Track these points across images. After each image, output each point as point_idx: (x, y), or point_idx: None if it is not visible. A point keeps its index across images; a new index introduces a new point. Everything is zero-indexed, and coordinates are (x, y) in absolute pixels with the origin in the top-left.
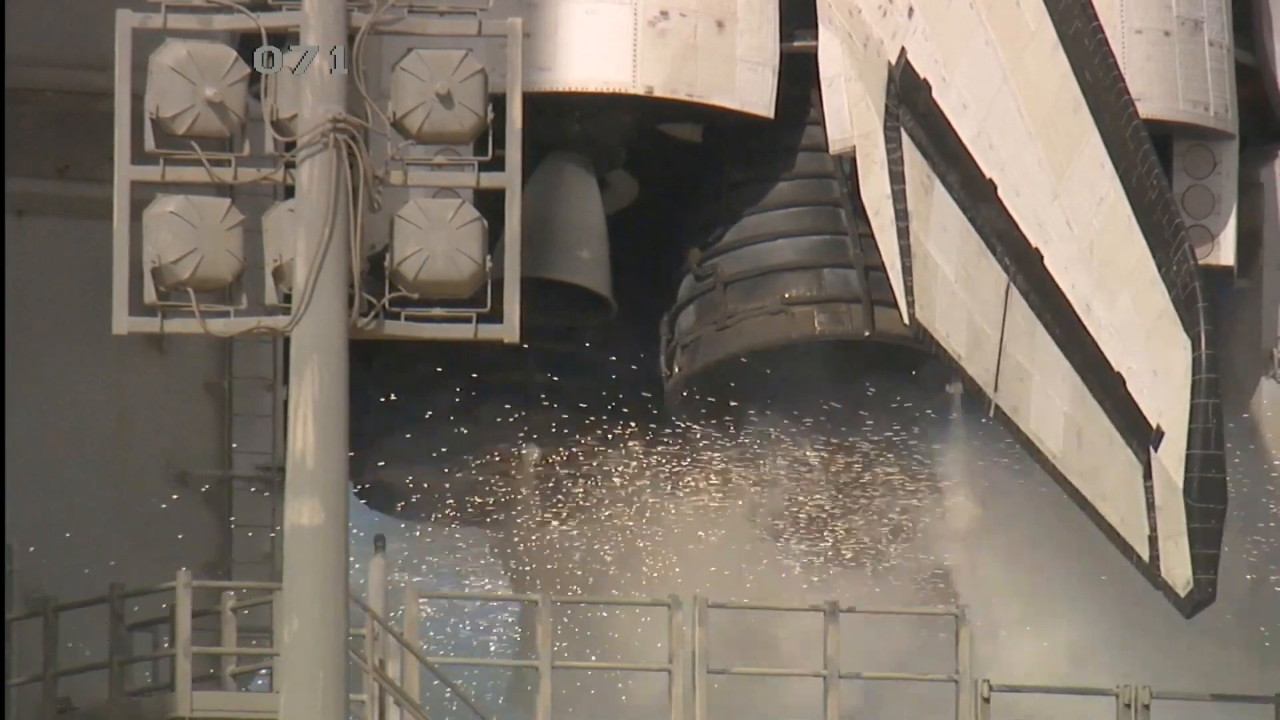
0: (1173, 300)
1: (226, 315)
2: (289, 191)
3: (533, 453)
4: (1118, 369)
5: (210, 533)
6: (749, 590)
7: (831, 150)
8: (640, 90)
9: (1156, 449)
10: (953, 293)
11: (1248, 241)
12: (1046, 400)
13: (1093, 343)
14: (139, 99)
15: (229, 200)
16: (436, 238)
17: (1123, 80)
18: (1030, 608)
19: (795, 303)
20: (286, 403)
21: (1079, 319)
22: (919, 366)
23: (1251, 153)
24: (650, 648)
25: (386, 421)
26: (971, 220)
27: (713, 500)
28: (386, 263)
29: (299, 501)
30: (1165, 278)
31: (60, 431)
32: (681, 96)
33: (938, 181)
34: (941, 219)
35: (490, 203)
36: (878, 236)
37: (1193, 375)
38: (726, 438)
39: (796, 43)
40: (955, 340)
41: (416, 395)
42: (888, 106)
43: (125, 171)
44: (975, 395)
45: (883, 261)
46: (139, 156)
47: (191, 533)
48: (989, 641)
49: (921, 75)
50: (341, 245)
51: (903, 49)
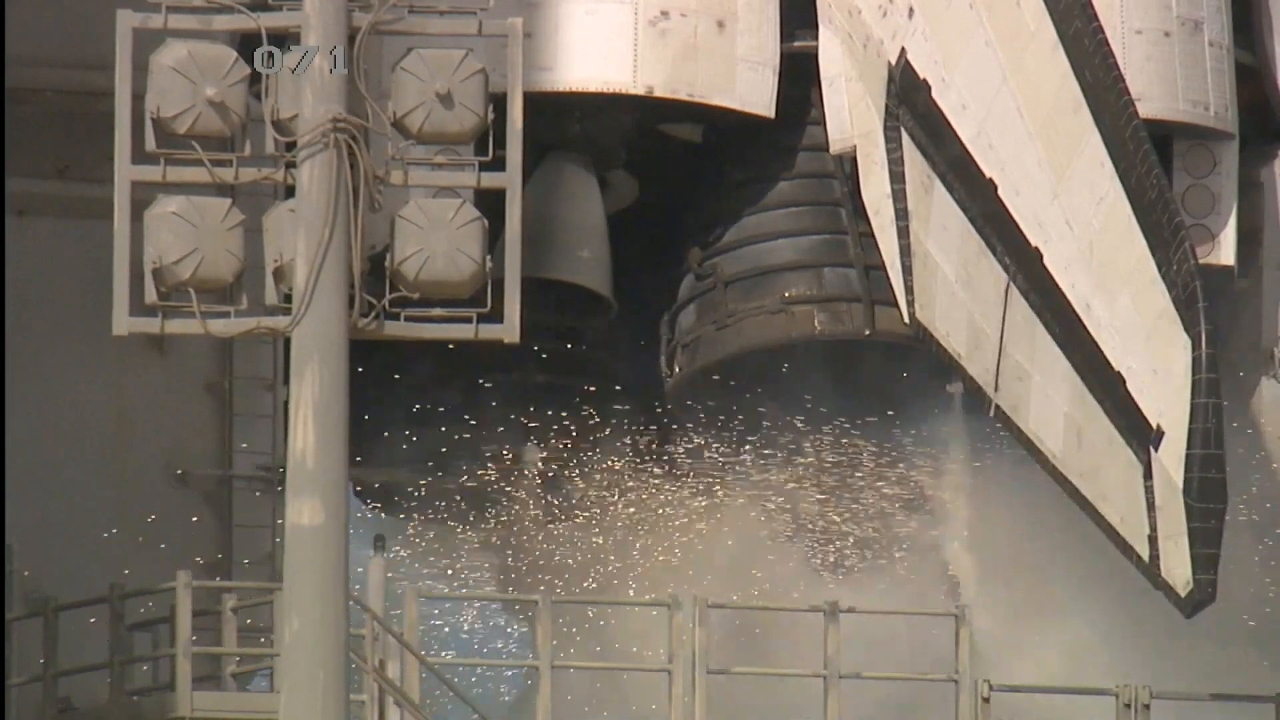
0: (1173, 300)
1: (227, 315)
2: (289, 191)
3: (533, 453)
4: (1118, 369)
5: (210, 533)
6: (749, 590)
7: (832, 150)
8: (640, 90)
9: (1156, 449)
10: (953, 292)
11: (1248, 241)
12: (1046, 400)
13: (1093, 342)
14: (139, 99)
15: (229, 200)
16: (437, 238)
17: (1123, 80)
18: (1030, 608)
19: (795, 302)
20: (286, 403)
21: (1079, 319)
22: (919, 366)
23: (1251, 153)
24: (650, 648)
25: (387, 422)
26: (971, 220)
27: (713, 500)
28: (387, 263)
29: (299, 501)
30: (1165, 277)
31: (60, 431)
32: (682, 96)
33: (938, 181)
34: (941, 218)
35: (490, 203)
36: (878, 236)
37: (1193, 375)
38: (727, 437)
39: (797, 43)
40: (955, 340)
41: (417, 395)
42: (888, 106)
43: (126, 171)
44: (975, 395)
45: (883, 261)
46: (139, 156)
47: (191, 533)
48: (989, 641)
49: (921, 75)
50: (342, 245)
51: (903, 49)
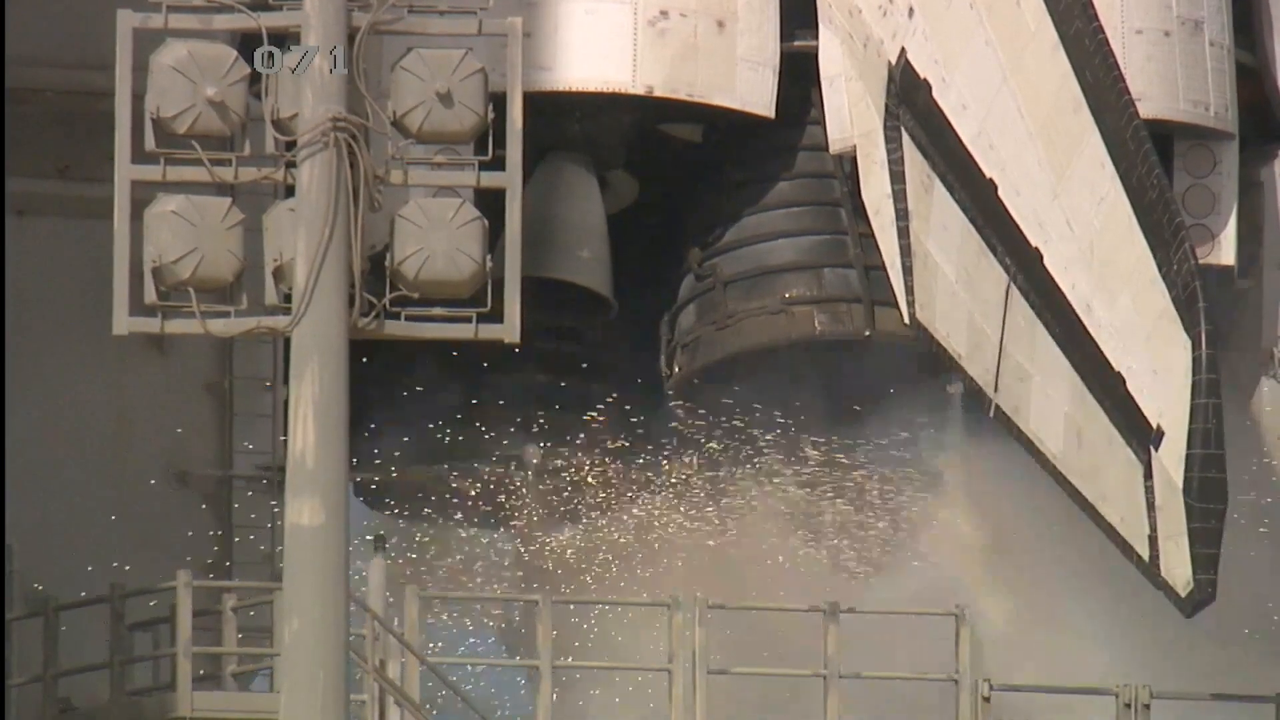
0: (1173, 300)
1: (227, 315)
2: (289, 191)
3: (533, 453)
4: (1118, 369)
5: (210, 533)
6: (750, 590)
7: (832, 150)
8: (640, 90)
9: (1157, 449)
10: (953, 292)
11: (1248, 241)
12: (1046, 400)
13: (1093, 342)
14: (139, 99)
15: (229, 200)
16: (437, 237)
17: (1123, 80)
18: (1030, 608)
19: (795, 302)
20: (286, 403)
21: (1079, 319)
22: (919, 366)
23: (1251, 153)
24: (650, 649)
25: (387, 422)
26: (972, 220)
27: (713, 500)
28: (387, 262)
29: (299, 501)
30: (1165, 277)
31: (60, 431)
32: (682, 96)
33: (938, 181)
34: (942, 219)
35: (490, 202)
36: (878, 236)
37: (1193, 375)
38: (727, 437)
39: (797, 42)
40: (955, 340)
41: (417, 395)
42: (888, 106)
43: (126, 171)
44: (975, 395)
45: (883, 261)
46: (139, 156)
47: (191, 533)
48: (989, 641)
49: (921, 75)
50: (342, 245)
51: (903, 49)
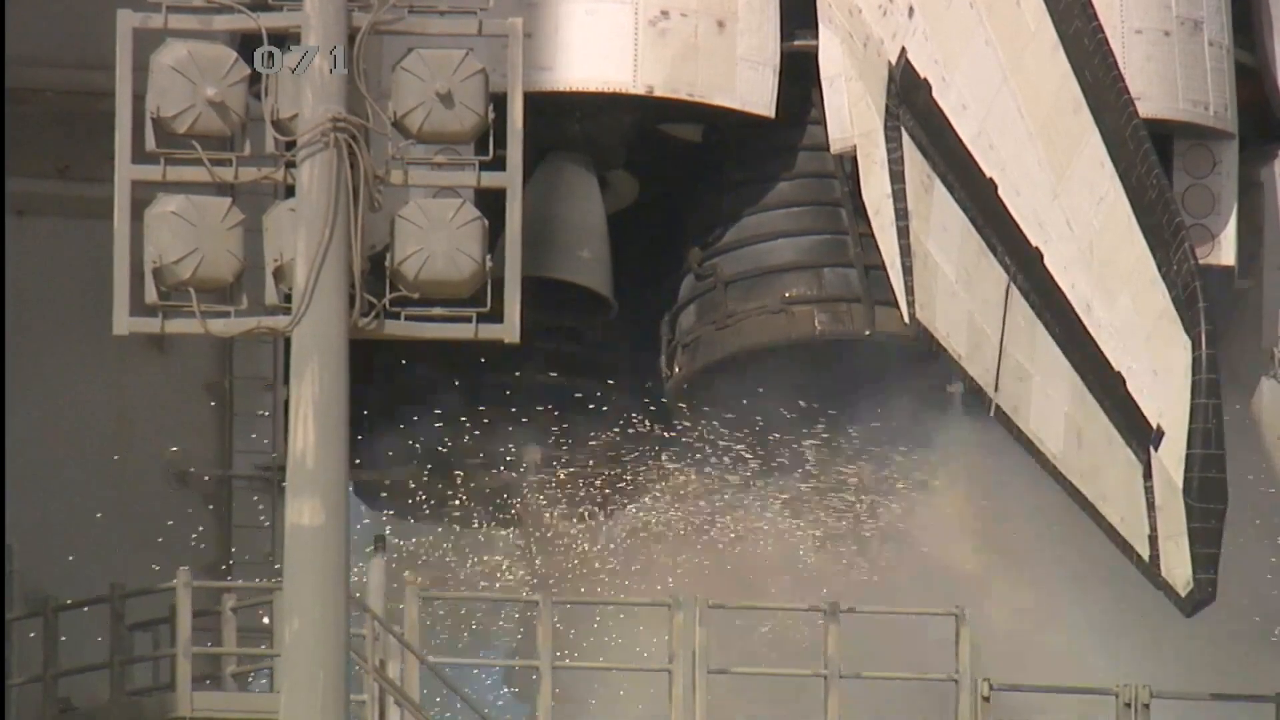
0: (1173, 300)
1: (227, 315)
2: (289, 191)
3: (533, 453)
4: (1118, 369)
5: (210, 533)
6: (750, 590)
7: (832, 150)
8: (640, 90)
9: (1156, 449)
10: (953, 292)
11: (1248, 241)
12: (1046, 400)
13: (1093, 342)
14: (140, 99)
15: (229, 200)
16: (437, 237)
17: (1123, 80)
18: (1030, 608)
19: (795, 302)
20: (287, 403)
21: (1079, 319)
22: (919, 366)
23: (1251, 153)
24: (650, 648)
25: (387, 422)
26: (972, 220)
27: (713, 500)
28: (387, 262)
29: (299, 501)
30: (1165, 277)
31: (60, 431)
32: (682, 96)
33: (938, 181)
34: (942, 219)
35: (491, 202)
36: (878, 236)
37: (1193, 375)
38: (727, 437)
39: (797, 42)
40: (955, 340)
41: (417, 395)
42: (888, 106)
43: (126, 171)
44: (975, 395)
45: (883, 261)
46: (139, 156)
47: (191, 533)
48: (989, 641)
49: (921, 75)
50: (342, 245)
51: (903, 49)
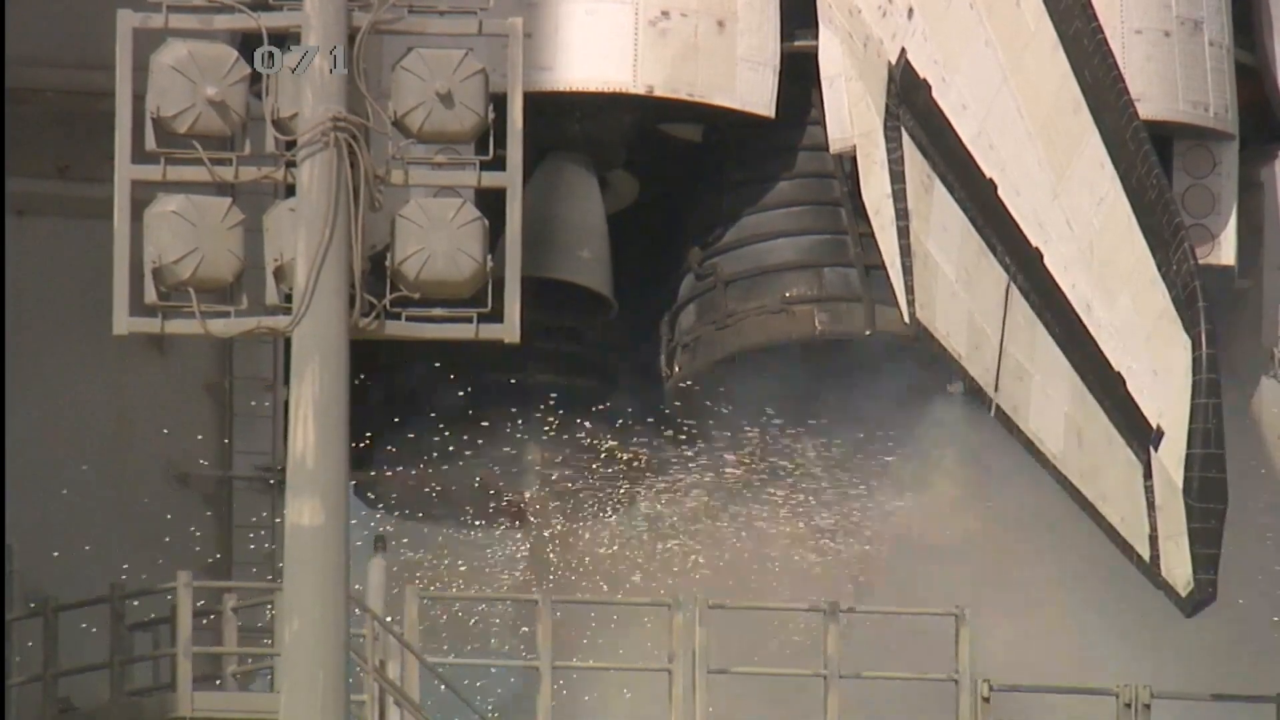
0: (1173, 300)
1: (227, 315)
2: (290, 191)
3: (533, 453)
4: (1118, 369)
5: (210, 533)
6: (750, 590)
7: (832, 150)
8: (641, 90)
9: (1156, 449)
10: (953, 292)
11: (1248, 241)
12: (1046, 400)
13: (1093, 342)
14: (140, 98)
15: (230, 200)
16: (437, 237)
17: (1123, 80)
18: (1030, 608)
19: (795, 302)
20: (287, 403)
21: (1079, 319)
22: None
23: (1251, 153)
24: (651, 648)
25: (387, 422)
26: (972, 220)
27: (713, 499)
28: (387, 262)
29: (299, 501)
30: (1165, 277)
31: (60, 431)
32: (682, 96)
33: (938, 181)
34: (942, 218)
35: (491, 202)
36: (878, 236)
37: (1193, 375)
38: (727, 437)
39: (797, 42)
40: (955, 340)
41: (417, 395)
42: (888, 106)
43: (126, 171)
44: (975, 395)
45: (883, 261)
46: (140, 156)
47: (191, 533)
48: (989, 641)
49: (921, 75)
50: (342, 245)
51: (903, 49)
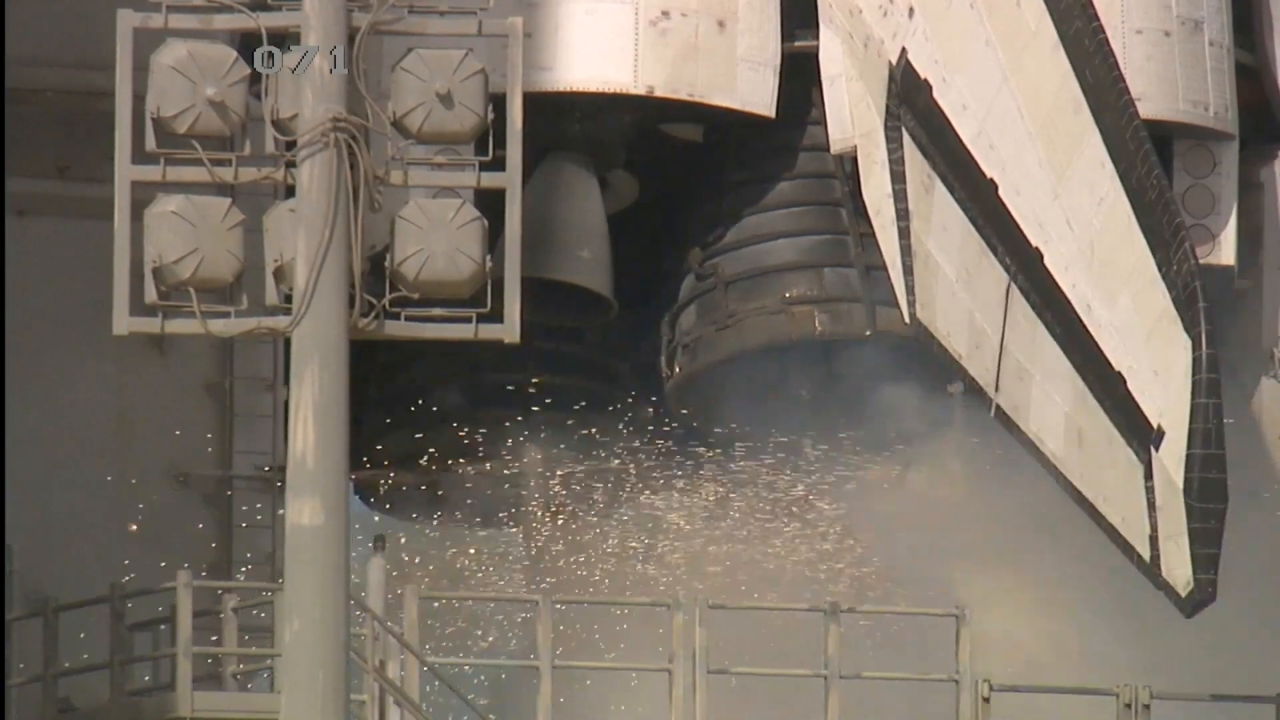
0: (1173, 300)
1: (227, 315)
2: (289, 191)
3: (533, 453)
4: (1118, 369)
5: (210, 533)
6: (749, 590)
7: (832, 150)
8: (641, 90)
9: (1157, 449)
10: (953, 292)
11: (1248, 241)
12: (1047, 400)
13: (1093, 343)
14: (140, 99)
15: (229, 200)
16: (437, 238)
17: (1123, 80)
18: (1030, 608)
19: (796, 302)
20: (287, 403)
21: (1079, 319)
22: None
23: (1251, 153)
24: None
25: (387, 422)
26: (972, 220)
27: (713, 500)
28: (387, 263)
29: (299, 501)
30: (1165, 278)
31: (60, 431)
32: (682, 96)
33: (938, 181)
34: (942, 219)
35: (490, 202)
36: (878, 236)
37: (1193, 375)
38: (727, 437)
39: (797, 42)
40: (956, 340)
41: (417, 395)
42: (888, 106)
43: (126, 171)
44: (976, 395)
45: (883, 261)
46: (139, 156)
47: (191, 533)
48: (989, 641)
49: (922, 75)
50: (342, 245)
51: (903, 49)
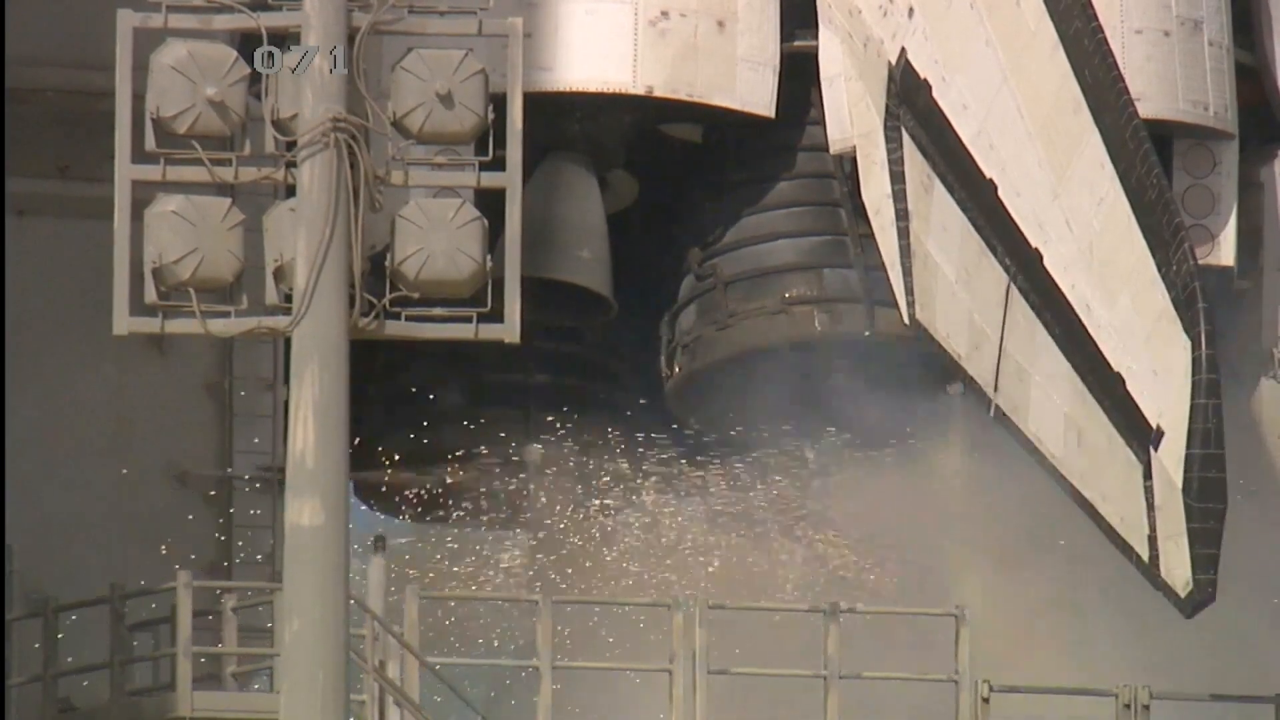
0: (1173, 300)
1: (227, 315)
2: (290, 191)
3: (533, 453)
4: (1118, 369)
5: (210, 533)
6: (749, 590)
7: (832, 150)
8: (640, 90)
9: (1156, 449)
10: (953, 293)
11: (1248, 241)
12: (1046, 400)
13: (1093, 343)
14: (140, 99)
15: (229, 200)
16: (437, 237)
17: (1123, 80)
18: (1030, 607)
19: (795, 303)
20: (287, 403)
21: (1079, 319)
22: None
23: (1251, 153)
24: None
25: (387, 421)
26: (972, 220)
27: (713, 500)
28: (387, 262)
29: (299, 501)
30: (1165, 278)
31: (60, 431)
32: (682, 96)
33: (938, 181)
34: (942, 219)
35: (490, 202)
36: (878, 236)
37: (1193, 375)
38: (727, 437)
39: (797, 42)
40: (956, 340)
41: (417, 395)
42: (888, 106)
43: (126, 171)
44: (976, 394)
45: (883, 261)
46: (140, 156)
47: (191, 533)
48: (989, 641)
49: (922, 75)
50: (342, 245)
51: (903, 49)
